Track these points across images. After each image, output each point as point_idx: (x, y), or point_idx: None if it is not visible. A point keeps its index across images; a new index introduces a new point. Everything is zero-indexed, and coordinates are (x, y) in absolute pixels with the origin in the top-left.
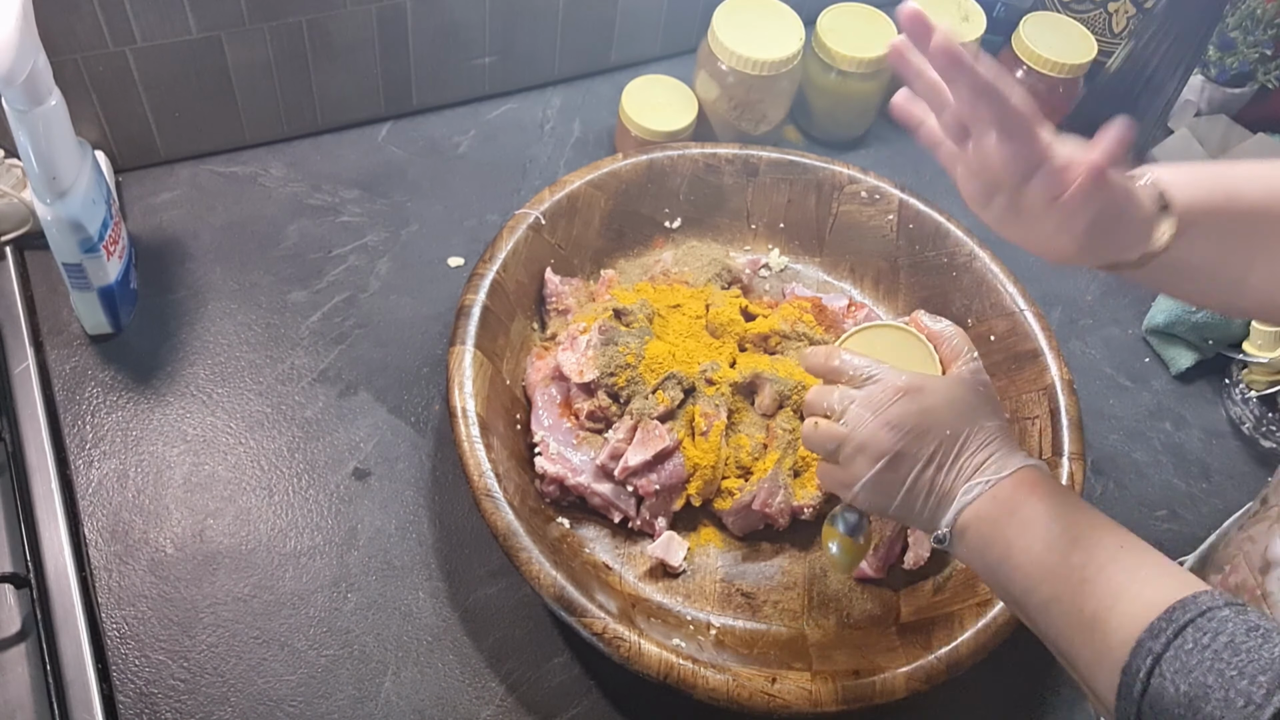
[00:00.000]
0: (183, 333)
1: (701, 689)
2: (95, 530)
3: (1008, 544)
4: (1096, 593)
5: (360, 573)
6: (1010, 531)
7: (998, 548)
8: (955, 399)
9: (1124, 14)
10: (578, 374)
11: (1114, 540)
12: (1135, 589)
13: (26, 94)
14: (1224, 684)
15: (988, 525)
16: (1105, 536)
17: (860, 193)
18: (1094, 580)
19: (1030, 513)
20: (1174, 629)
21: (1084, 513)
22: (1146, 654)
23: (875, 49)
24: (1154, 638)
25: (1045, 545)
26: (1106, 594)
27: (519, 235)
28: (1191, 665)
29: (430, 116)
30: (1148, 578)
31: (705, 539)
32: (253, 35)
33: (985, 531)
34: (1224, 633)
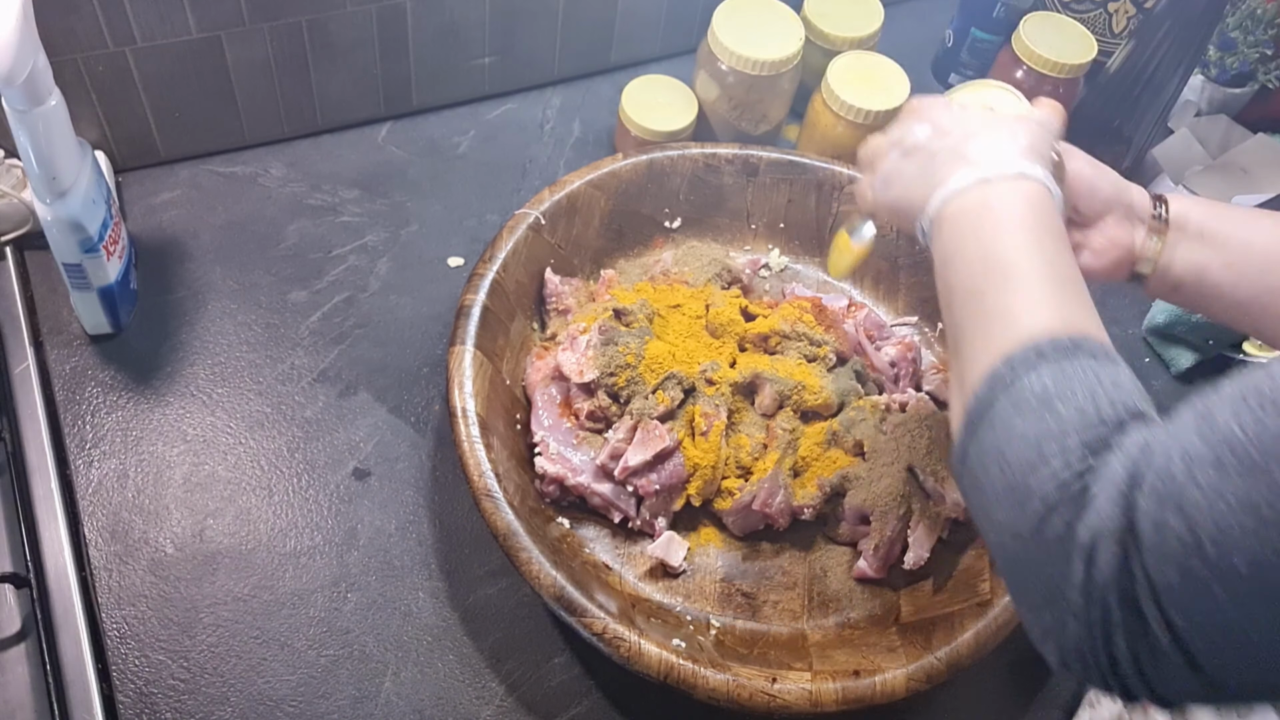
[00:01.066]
0: (183, 333)
1: (701, 689)
2: (95, 530)
3: (966, 235)
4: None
5: (360, 573)
6: (979, 222)
7: (955, 240)
8: (994, 120)
9: (1124, 14)
10: (578, 374)
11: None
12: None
13: (26, 94)
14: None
15: (960, 215)
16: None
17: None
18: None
19: (1000, 215)
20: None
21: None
22: (997, 382)
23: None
24: (1008, 365)
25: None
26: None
27: (519, 235)
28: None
29: (430, 116)
30: (1039, 302)
31: (705, 539)
32: (253, 35)
33: (957, 222)
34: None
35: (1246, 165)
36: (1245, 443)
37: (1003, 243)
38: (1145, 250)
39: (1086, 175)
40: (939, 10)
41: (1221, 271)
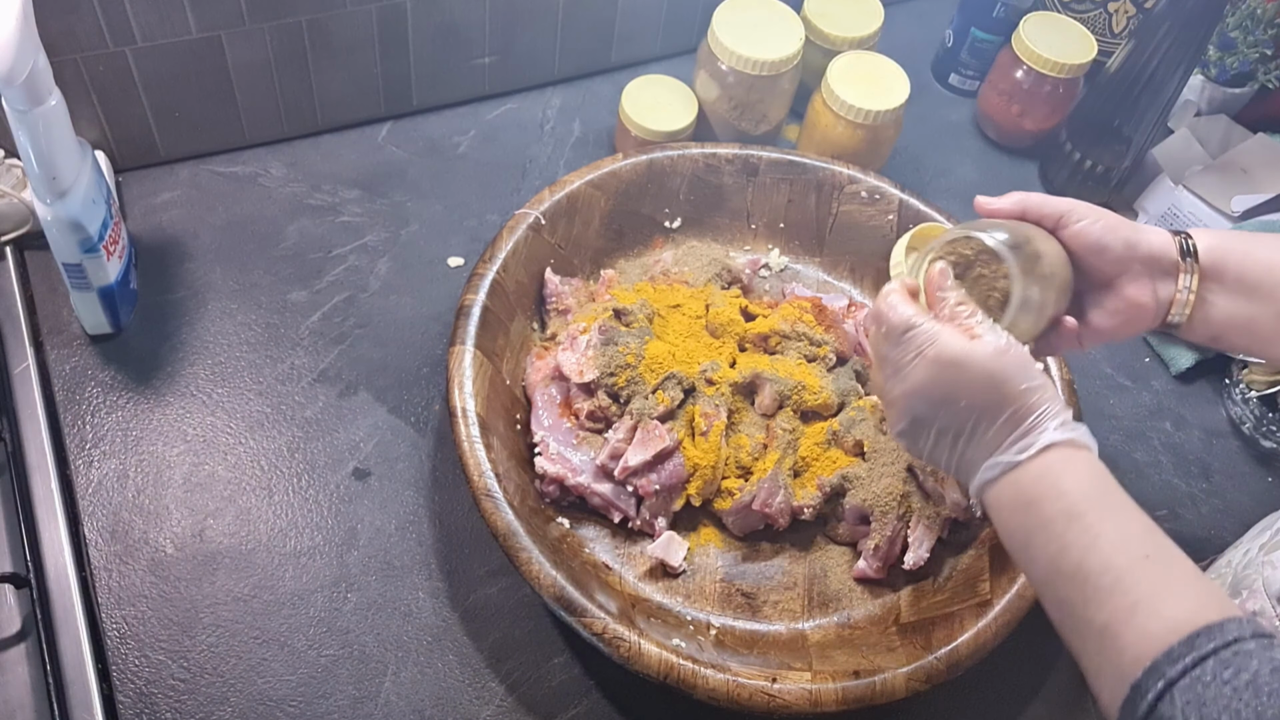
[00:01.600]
0: (183, 333)
1: (701, 689)
2: (95, 530)
3: (1027, 535)
4: (1111, 603)
5: (360, 573)
6: (1029, 523)
7: (1018, 536)
8: (981, 373)
9: (1124, 14)
10: (578, 374)
11: (1137, 547)
12: (1156, 604)
13: (26, 94)
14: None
15: (1007, 513)
16: (1128, 541)
17: (860, 193)
18: (1109, 590)
19: (1049, 510)
20: (1194, 657)
21: (1107, 510)
22: (1159, 678)
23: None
24: (1171, 662)
25: (1060, 546)
26: (1122, 606)
27: (519, 235)
28: (1207, 699)
29: (430, 116)
30: (1172, 592)
31: (705, 539)
32: (253, 35)
33: (1004, 518)
34: (1247, 669)
35: (1246, 165)
36: None
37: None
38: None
39: (1094, 235)
40: (939, 10)
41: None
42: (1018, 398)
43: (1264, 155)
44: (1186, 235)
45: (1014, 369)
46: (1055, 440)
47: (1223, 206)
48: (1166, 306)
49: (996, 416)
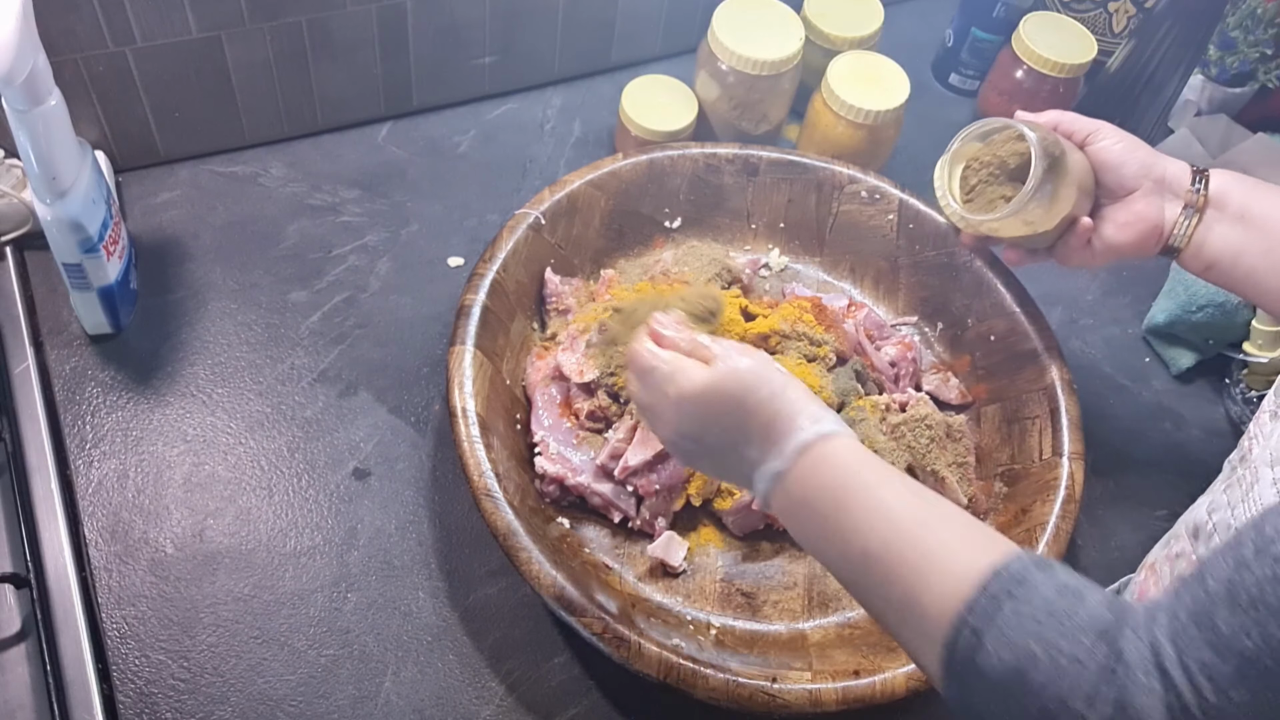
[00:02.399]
0: (183, 333)
1: (701, 689)
2: (95, 530)
3: (811, 535)
4: (902, 577)
5: (360, 572)
6: (809, 523)
7: (806, 538)
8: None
9: (1124, 14)
10: (578, 374)
11: (908, 517)
12: (942, 564)
13: (26, 94)
14: (1048, 649)
15: (789, 518)
16: (898, 514)
17: (860, 192)
18: (897, 565)
19: (821, 507)
20: (990, 600)
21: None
22: (966, 629)
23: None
24: (971, 612)
25: (841, 538)
26: (913, 576)
27: (519, 235)
28: (1012, 635)
29: (430, 116)
30: (952, 548)
31: (705, 539)
32: (253, 35)
33: (790, 523)
34: (1038, 597)
35: (1246, 165)
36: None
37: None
38: (1178, 225)
39: (1115, 152)
40: (939, 10)
41: (1258, 257)
42: (762, 408)
43: (1264, 155)
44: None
45: (751, 380)
46: (807, 440)
47: None
48: (1171, 228)
49: (750, 432)
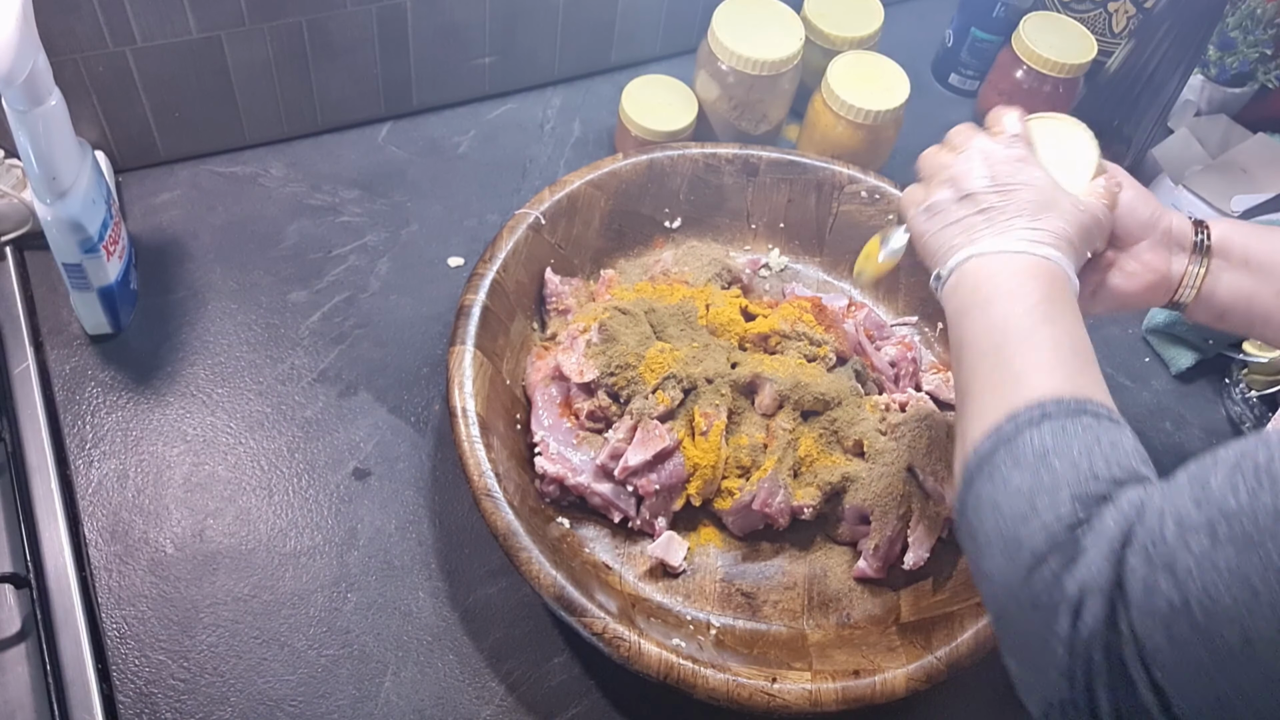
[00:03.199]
0: (183, 333)
1: (701, 689)
2: (95, 530)
3: (980, 300)
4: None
5: (360, 573)
6: (995, 293)
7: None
8: (1051, 196)
9: (1124, 14)
10: (578, 374)
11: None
12: (1031, 376)
13: (26, 94)
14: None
15: (981, 279)
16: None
17: (860, 192)
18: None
19: (1017, 286)
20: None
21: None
22: (989, 442)
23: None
24: (999, 430)
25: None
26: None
27: (519, 235)
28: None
29: (430, 116)
30: (1049, 367)
31: (705, 539)
32: (253, 35)
33: (978, 285)
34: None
35: (1246, 165)
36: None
37: (1017, 311)
38: (1187, 278)
39: (1128, 197)
40: (939, 10)
41: (1271, 299)
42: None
43: (1264, 155)
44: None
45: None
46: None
47: (1223, 206)
48: (1177, 281)
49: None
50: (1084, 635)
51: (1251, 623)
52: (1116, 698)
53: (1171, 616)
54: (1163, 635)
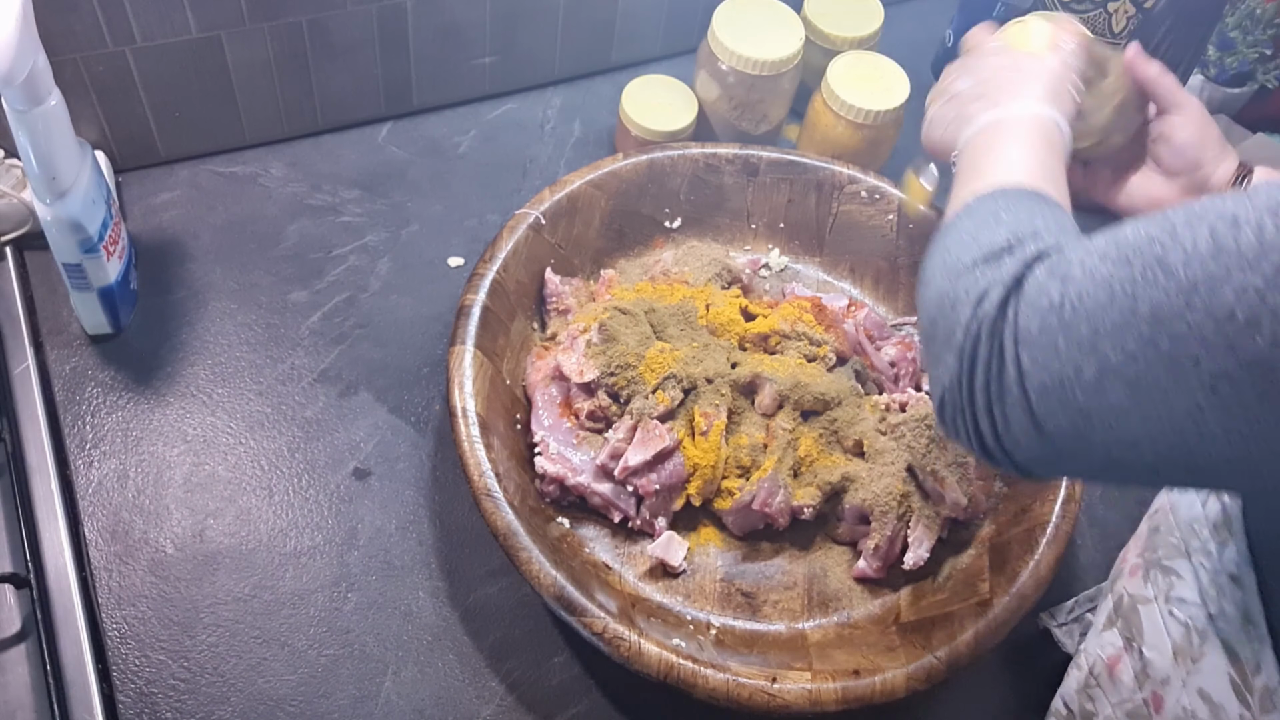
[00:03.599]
0: (183, 333)
1: (701, 689)
2: (95, 530)
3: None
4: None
5: (360, 572)
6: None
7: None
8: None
9: (1124, 14)
10: (578, 374)
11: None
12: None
13: (26, 94)
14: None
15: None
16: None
17: (860, 193)
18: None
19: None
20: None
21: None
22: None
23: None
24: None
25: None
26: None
27: (519, 235)
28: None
29: (430, 116)
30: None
31: (705, 539)
32: (253, 35)
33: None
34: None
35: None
36: (1128, 243)
37: (1005, 145)
38: None
39: (1183, 133)
40: (939, 10)
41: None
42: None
43: (1264, 155)
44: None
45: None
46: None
47: None
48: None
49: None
50: (979, 319)
51: (1101, 318)
52: (990, 374)
53: (1048, 310)
54: (1037, 324)
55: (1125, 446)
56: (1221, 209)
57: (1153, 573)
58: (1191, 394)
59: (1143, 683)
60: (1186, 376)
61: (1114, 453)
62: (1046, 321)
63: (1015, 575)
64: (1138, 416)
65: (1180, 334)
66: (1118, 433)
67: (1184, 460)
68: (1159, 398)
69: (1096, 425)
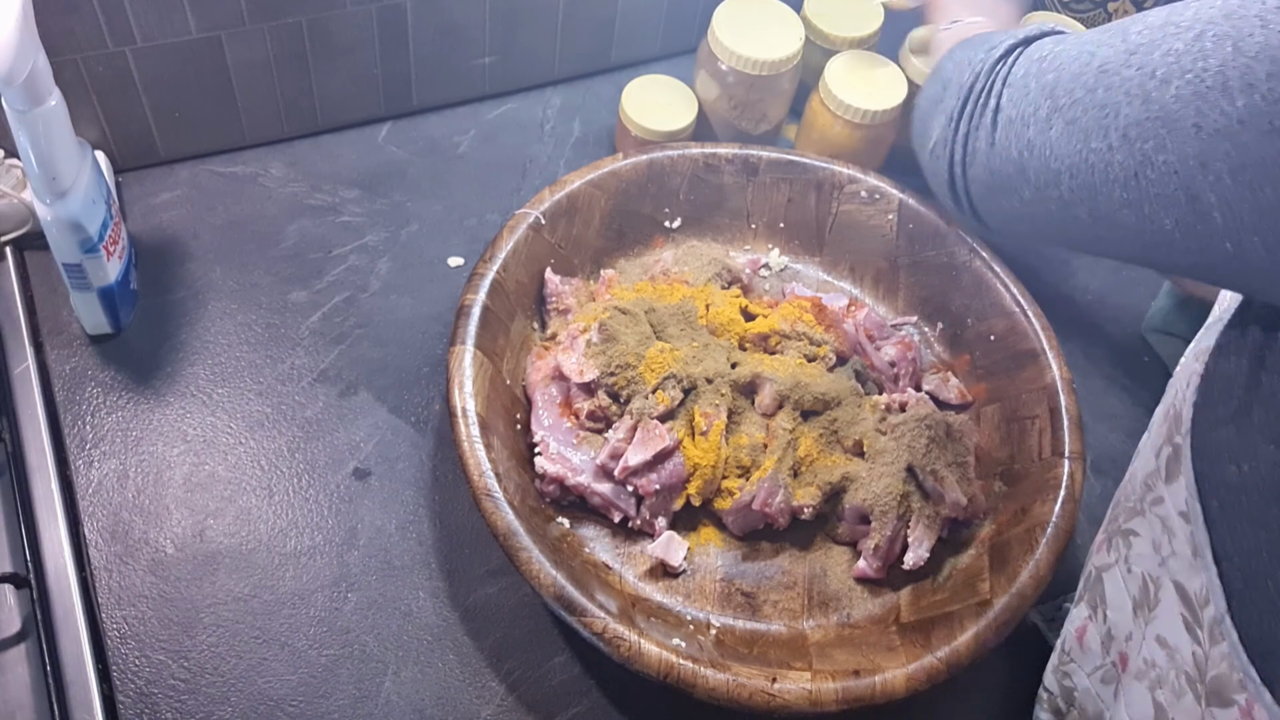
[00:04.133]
0: (183, 333)
1: (701, 689)
2: (95, 530)
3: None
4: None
5: (360, 572)
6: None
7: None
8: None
9: (1124, 14)
10: (578, 374)
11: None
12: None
13: (26, 94)
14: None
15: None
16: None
17: (860, 192)
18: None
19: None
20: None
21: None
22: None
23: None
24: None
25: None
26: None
27: (519, 235)
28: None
29: (430, 116)
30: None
31: (705, 539)
32: (253, 35)
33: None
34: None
35: None
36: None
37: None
38: None
39: None
40: None
41: None
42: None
43: None
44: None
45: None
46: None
47: None
48: None
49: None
50: (985, 60)
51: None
52: (975, 106)
53: (1035, 61)
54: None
55: (1049, 180)
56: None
57: (1114, 540)
58: (1107, 135)
59: (1109, 646)
60: (1108, 122)
61: (1039, 185)
62: (1029, 69)
63: (1015, 575)
64: (1064, 151)
65: (1114, 85)
66: (1046, 164)
67: (1088, 199)
68: (1081, 136)
69: (1033, 158)
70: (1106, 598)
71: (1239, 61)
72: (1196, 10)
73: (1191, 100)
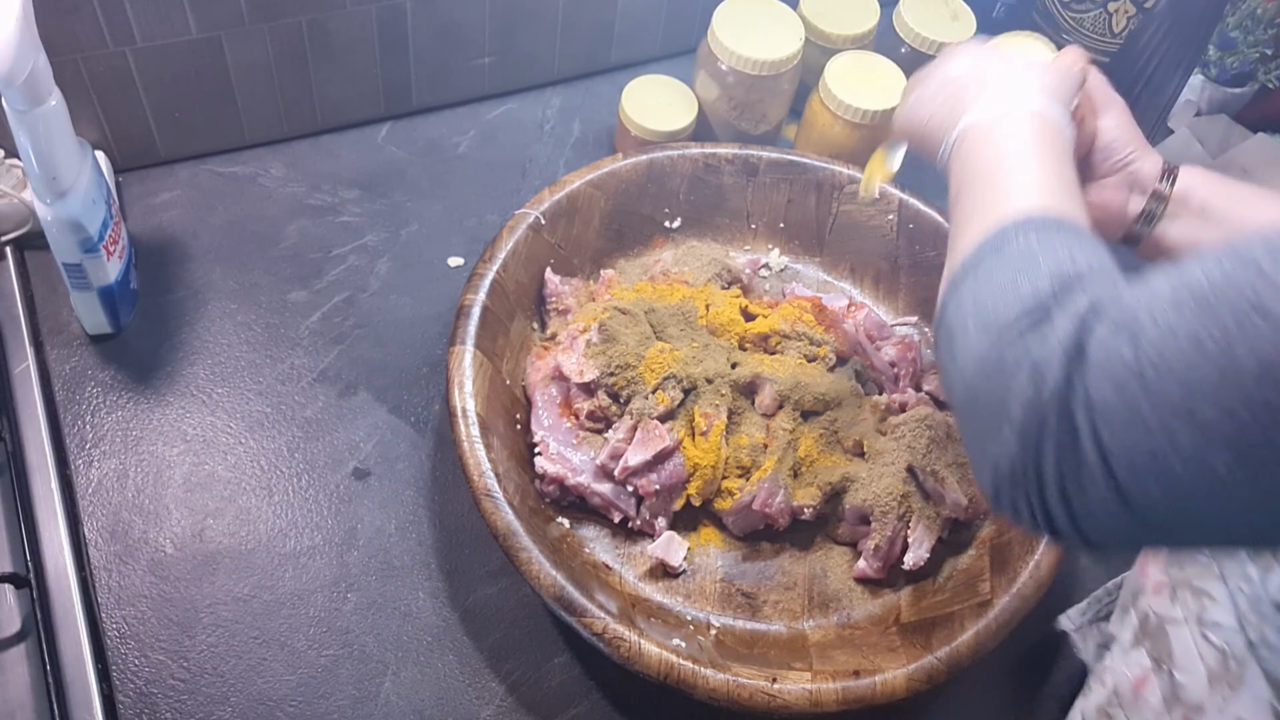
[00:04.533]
0: (183, 333)
1: (701, 689)
2: (95, 530)
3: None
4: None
5: (360, 573)
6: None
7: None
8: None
9: (1124, 14)
10: (578, 374)
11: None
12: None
13: (26, 94)
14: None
15: (977, 136)
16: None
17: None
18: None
19: (1012, 132)
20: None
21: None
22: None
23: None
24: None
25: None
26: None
27: (519, 235)
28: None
29: (430, 116)
30: (1038, 191)
31: (705, 539)
32: (253, 35)
33: (974, 141)
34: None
35: (1246, 165)
36: (1207, 289)
37: (1010, 151)
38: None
39: (1109, 134)
40: None
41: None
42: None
43: (1264, 155)
44: (1174, 170)
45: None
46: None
47: None
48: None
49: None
50: (1043, 395)
51: (1193, 377)
52: (1061, 454)
53: (1125, 375)
54: (1113, 392)
55: (1233, 515)
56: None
57: (1181, 593)
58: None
59: (1172, 706)
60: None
61: (1218, 522)
62: (1126, 389)
63: (1015, 576)
64: (1248, 484)
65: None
66: (1225, 502)
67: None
68: (1274, 458)
69: (1199, 497)
70: (1174, 656)
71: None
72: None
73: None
